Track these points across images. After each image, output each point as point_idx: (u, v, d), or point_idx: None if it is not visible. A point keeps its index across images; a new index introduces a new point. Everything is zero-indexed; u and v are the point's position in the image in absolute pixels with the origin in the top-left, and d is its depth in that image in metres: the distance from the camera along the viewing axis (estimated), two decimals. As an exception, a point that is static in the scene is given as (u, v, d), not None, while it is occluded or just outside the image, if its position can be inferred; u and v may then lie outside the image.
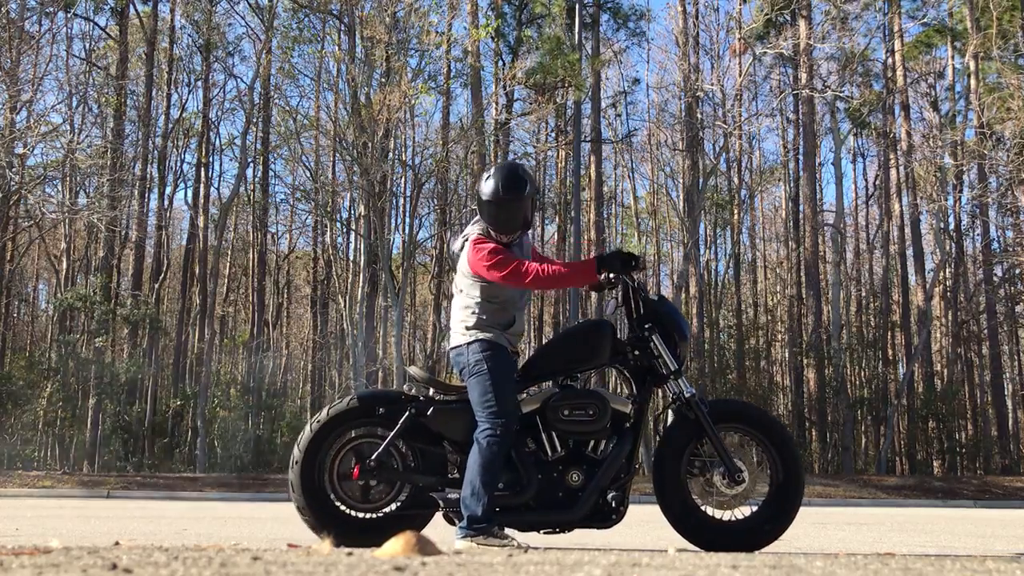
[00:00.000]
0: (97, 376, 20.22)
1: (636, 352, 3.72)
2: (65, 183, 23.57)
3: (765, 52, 24.23)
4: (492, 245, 3.64)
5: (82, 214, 20.12)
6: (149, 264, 26.25)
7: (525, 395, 3.72)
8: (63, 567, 1.65)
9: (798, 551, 3.72)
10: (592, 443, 3.65)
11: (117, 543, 2.78)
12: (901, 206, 26.78)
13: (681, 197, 25.41)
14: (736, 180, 29.57)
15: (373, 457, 3.65)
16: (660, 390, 3.90)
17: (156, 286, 25.27)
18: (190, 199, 27.06)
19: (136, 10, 24.66)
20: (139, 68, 25.40)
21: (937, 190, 23.40)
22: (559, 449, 3.64)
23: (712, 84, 24.53)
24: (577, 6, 22.53)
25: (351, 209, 25.95)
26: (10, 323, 28.73)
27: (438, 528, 3.70)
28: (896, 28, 26.93)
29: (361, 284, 20.69)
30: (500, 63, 25.01)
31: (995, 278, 26.10)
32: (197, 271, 25.31)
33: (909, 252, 26.97)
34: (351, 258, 25.24)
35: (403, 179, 23.29)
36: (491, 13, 23.96)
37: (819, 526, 6.84)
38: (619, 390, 23.21)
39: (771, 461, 3.68)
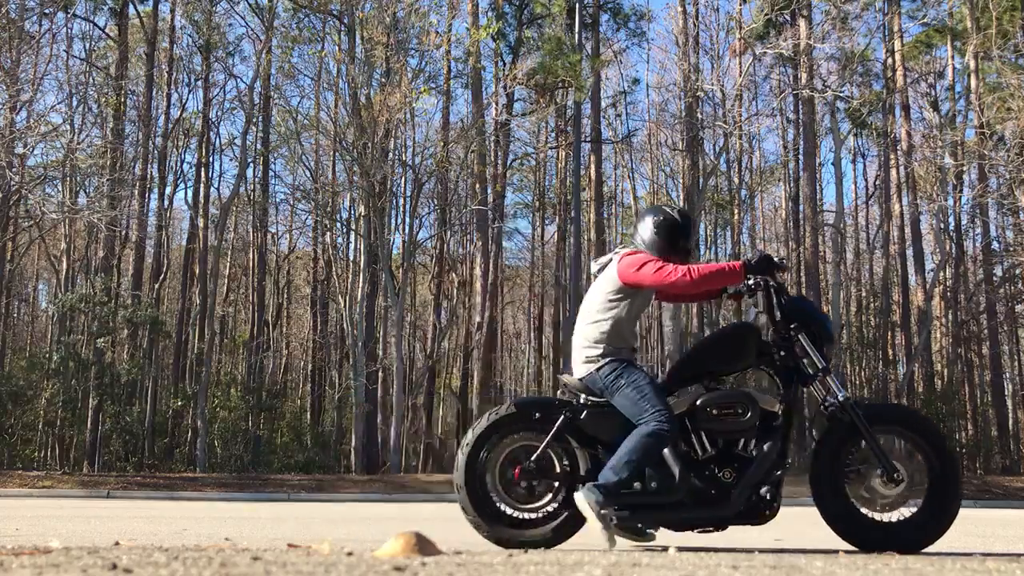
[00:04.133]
0: (98, 377, 20.20)
1: (782, 352, 3.77)
2: (65, 183, 23.57)
3: (765, 52, 24.22)
4: (644, 253, 3.82)
5: (82, 214, 20.10)
6: (149, 264, 26.23)
7: (674, 398, 3.77)
8: (63, 567, 1.65)
9: (798, 551, 3.72)
10: (742, 442, 3.70)
11: (117, 543, 2.78)
12: (901, 206, 26.76)
13: (681, 197, 25.39)
14: (736, 180, 29.56)
15: (532, 459, 3.78)
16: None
17: (156, 286, 25.26)
18: (190, 199, 27.08)
19: (136, 10, 24.67)
20: (139, 68, 25.42)
21: (937, 190, 23.40)
22: (709, 448, 3.70)
23: (712, 84, 24.51)
24: (577, 6, 22.53)
25: (351, 209, 25.95)
26: (10, 323, 28.72)
27: (439, 528, 3.71)
28: (896, 28, 26.92)
29: (361, 284, 20.68)
30: (500, 63, 25.02)
31: (995, 278, 26.09)
32: (197, 271, 25.30)
33: (909, 252, 26.96)
34: (351, 258, 25.23)
35: (403, 179, 23.30)
36: (491, 14, 23.95)
37: (819, 526, 6.81)
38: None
39: (927, 461, 3.69)
